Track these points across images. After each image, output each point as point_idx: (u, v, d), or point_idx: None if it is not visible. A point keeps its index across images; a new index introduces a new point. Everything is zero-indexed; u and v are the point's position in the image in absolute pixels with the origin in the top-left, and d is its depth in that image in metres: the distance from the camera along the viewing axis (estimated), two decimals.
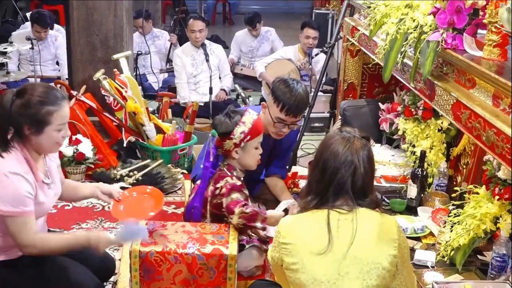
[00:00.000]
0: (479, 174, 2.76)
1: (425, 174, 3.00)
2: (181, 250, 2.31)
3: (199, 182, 2.66)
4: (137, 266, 2.31)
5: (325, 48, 4.66)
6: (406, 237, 2.18)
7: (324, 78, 4.67)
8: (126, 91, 4.01)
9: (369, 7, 3.09)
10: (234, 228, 2.45)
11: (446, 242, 2.49)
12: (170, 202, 3.73)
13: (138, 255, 2.30)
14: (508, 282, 2.19)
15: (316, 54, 5.62)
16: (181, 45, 5.91)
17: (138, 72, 5.70)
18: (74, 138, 3.95)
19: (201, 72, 5.29)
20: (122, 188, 2.73)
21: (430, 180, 3.07)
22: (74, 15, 4.32)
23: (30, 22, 5.77)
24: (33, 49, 5.47)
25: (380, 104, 3.76)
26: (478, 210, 2.39)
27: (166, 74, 6.35)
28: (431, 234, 2.75)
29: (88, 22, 4.34)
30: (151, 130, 4.15)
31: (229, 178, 2.56)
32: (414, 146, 3.20)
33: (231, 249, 2.32)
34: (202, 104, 4.94)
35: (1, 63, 4.83)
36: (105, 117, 4.27)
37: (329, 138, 1.96)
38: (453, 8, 2.28)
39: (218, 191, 2.54)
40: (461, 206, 2.56)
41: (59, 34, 5.93)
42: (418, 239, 2.71)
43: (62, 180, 2.48)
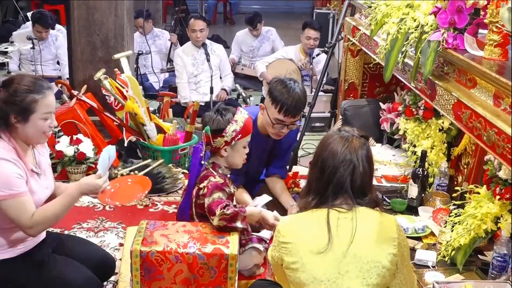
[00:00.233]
0: (480, 174, 2.76)
1: (426, 174, 3.01)
2: (182, 250, 2.31)
3: (187, 181, 2.66)
4: (138, 265, 2.32)
5: (326, 48, 4.66)
6: (407, 237, 2.19)
7: (325, 78, 4.67)
8: (127, 91, 4.01)
9: (370, 7, 3.10)
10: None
11: (447, 242, 2.49)
12: (170, 202, 3.72)
13: (139, 255, 2.30)
14: (509, 282, 2.19)
15: (317, 54, 5.61)
16: (182, 44, 5.91)
17: (139, 71, 5.69)
18: (75, 137, 3.95)
19: (202, 71, 5.29)
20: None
21: (431, 180, 3.07)
22: (75, 15, 4.33)
23: (31, 22, 5.78)
24: (34, 48, 5.49)
25: (381, 104, 3.77)
26: (479, 210, 2.39)
27: (167, 74, 6.35)
28: (432, 234, 2.75)
29: (88, 21, 4.34)
30: (152, 130, 4.14)
31: (212, 177, 2.54)
32: (415, 146, 3.20)
33: (232, 248, 2.33)
34: (203, 104, 4.93)
35: (2, 63, 4.84)
36: (106, 116, 4.27)
37: (327, 138, 1.97)
38: (454, 8, 2.28)
39: (201, 191, 2.53)
40: (462, 206, 2.57)
41: (60, 34, 5.94)
42: (419, 239, 2.71)
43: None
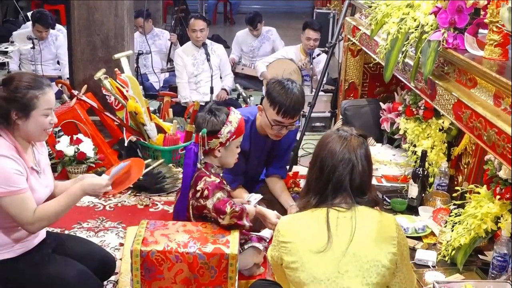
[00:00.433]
0: (480, 173, 2.76)
1: (426, 173, 3.00)
2: (182, 249, 2.31)
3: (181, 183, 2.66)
4: (138, 265, 2.32)
5: (326, 47, 4.66)
6: (407, 236, 2.19)
7: (325, 78, 4.67)
8: (127, 91, 4.02)
9: (370, 7, 3.10)
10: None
11: (447, 242, 2.49)
12: (171, 201, 3.72)
13: (139, 254, 2.30)
14: (509, 281, 2.19)
15: (317, 54, 5.61)
16: (182, 44, 5.91)
17: (139, 71, 5.69)
18: (75, 137, 3.95)
19: (202, 71, 5.29)
20: None
21: (431, 179, 3.07)
22: (75, 15, 4.33)
23: (31, 22, 5.78)
24: (34, 48, 5.49)
25: (381, 103, 3.77)
26: (479, 210, 2.39)
27: (167, 74, 6.35)
28: (432, 233, 2.75)
29: (89, 21, 4.34)
30: (152, 130, 4.15)
31: (207, 177, 2.54)
32: (415, 146, 3.20)
33: (232, 248, 2.33)
34: (203, 103, 4.92)
35: (2, 63, 4.84)
36: (106, 116, 4.27)
37: (326, 137, 1.97)
38: (454, 7, 2.28)
39: (199, 194, 2.51)
40: (462, 206, 2.57)
41: (60, 34, 5.94)
42: (419, 239, 2.71)
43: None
